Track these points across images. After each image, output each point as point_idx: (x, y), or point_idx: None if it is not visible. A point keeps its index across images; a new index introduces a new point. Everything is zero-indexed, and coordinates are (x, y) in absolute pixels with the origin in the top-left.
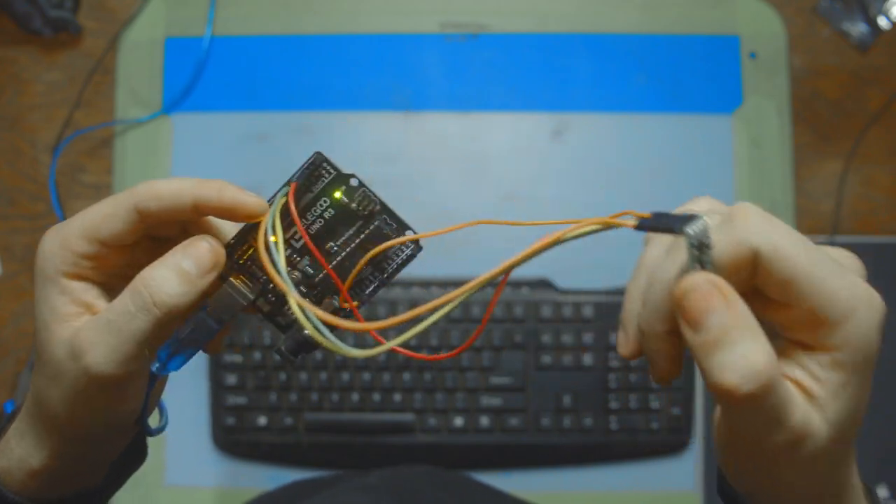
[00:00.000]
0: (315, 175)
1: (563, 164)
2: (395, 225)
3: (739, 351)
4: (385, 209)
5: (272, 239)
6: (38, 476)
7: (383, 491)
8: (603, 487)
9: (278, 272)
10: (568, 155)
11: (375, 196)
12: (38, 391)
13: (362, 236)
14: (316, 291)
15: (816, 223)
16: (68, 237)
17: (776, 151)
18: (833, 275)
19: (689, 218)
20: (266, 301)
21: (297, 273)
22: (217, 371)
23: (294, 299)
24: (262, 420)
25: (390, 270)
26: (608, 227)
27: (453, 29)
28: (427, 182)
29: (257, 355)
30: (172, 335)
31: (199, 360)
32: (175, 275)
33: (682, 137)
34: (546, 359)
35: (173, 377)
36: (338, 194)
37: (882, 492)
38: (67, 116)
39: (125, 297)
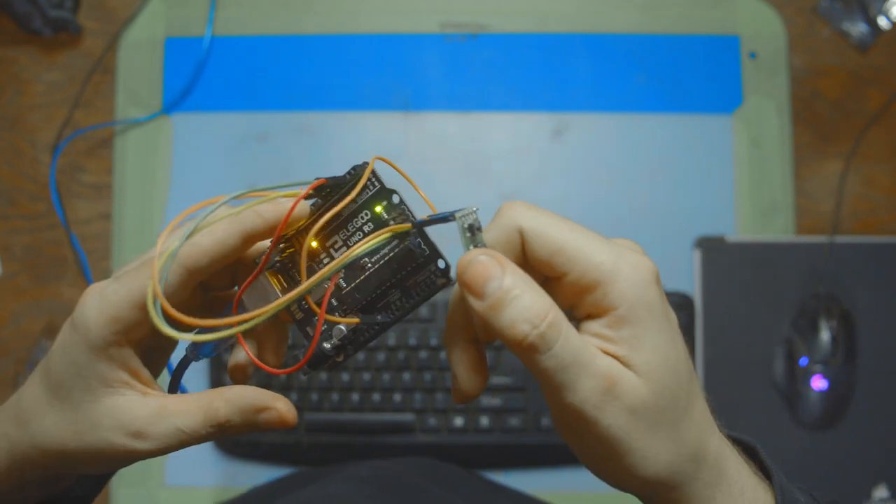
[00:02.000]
0: (361, 186)
1: (563, 164)
2: (427, 250)
3: (522, 303)
4: (420, 232)
5: (313, 244)
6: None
7: (369, 481)
8: (603, 488)
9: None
10: (568, 155)
11: (413, 216)
12: (38, 424)
13: (392, 255)
14: (345, 306)
15: (816, 223)
16: (118, 306)
17: (776, 151)
18: (595, 243)
19: (461, 210)
20: (300, 308)
21: (328, 284)
22: (217, 371)
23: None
24: None
25: (415, 298)
26: (394, 232)
27: (453, 29)
28: (427, 182)
29: None
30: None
31: (200, 361)
32: (242, 420)
33: (682, 137)
34: None
35: None
36: (378, 209)
37: (882, 492)
38: (67, 116)
39: (198, 420)
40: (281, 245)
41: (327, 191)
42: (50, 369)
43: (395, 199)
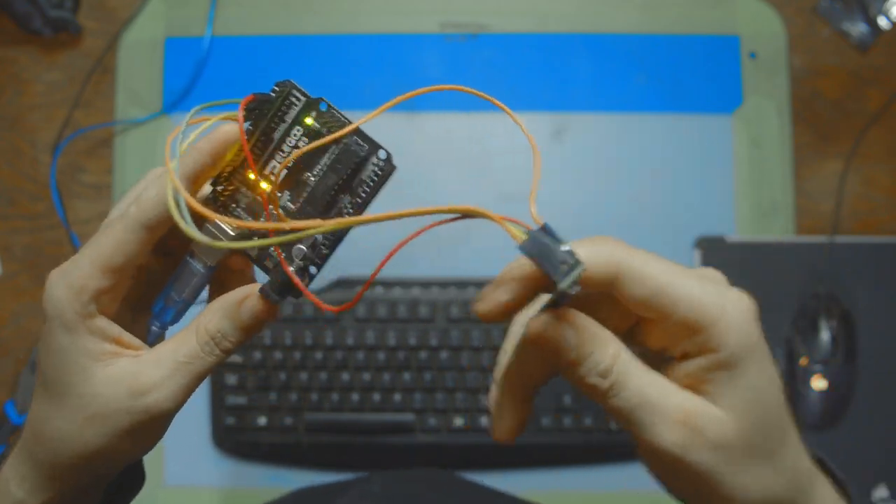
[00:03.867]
0: (286, 104)
1: (563, 164)
2: (366, 146)
3: (595, 359)
4: (356, 130)
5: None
6: None
7: (385, 499)
8: (603, 487)
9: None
10: (568, 155)
11: (345, 118)
12: (55, 431)
13: (332, 158)
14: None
15: (816, 223)
16: (81, 277)
17: (776, 151)
18: (696, 284)
19: (571, 261)
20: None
21: (279, 211)
22: (217, 371)
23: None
24: (262, 420)
25: (364, 195)
26: (477, 216)
27: (453, 29)
28: (427, 182)
29: (257, 355)
30: (164, 288)
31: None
32: (231, 322)
33: (682, 137)
34: None
35: None
36: (309, 121)
37: (882, 492)
38: (67, 116)
39: (192, 342)
40: (219, 187)
41: (255, 112)
42: (42, 372)
43: (323, 106)
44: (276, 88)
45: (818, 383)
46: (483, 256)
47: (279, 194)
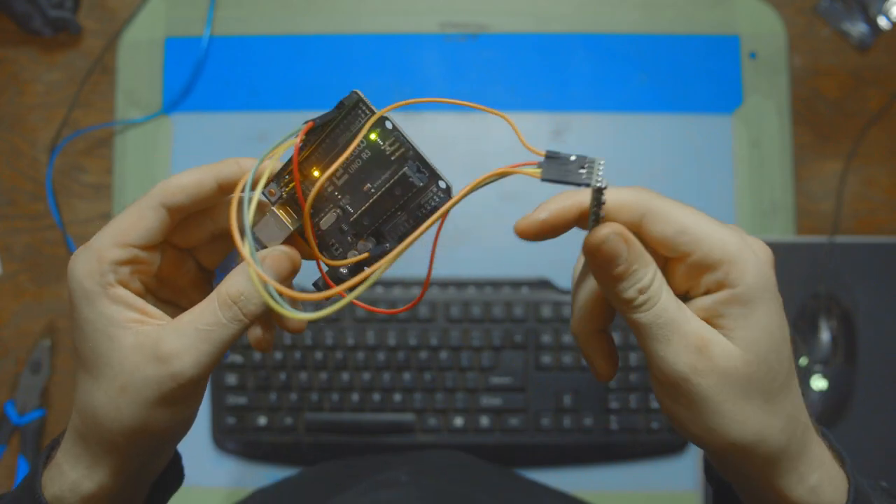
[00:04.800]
0: (355, 114)
1: None
2: (426, 173)
3: (637, 275)
4: (416, 155)
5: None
6: (91, 501)
7: (413, 488)
8: (603, 487)
9: (243, 229)
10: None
11: (407, 140)
12: (96, 407)
13: (391, 182)
14: (355, 231)
15: (816, 223)
16: (101, 250)
17: (776, 151)
18: (717, 225)
19: (585, 162)
20: (313, 234)
21: (337, 210)
22: (217, 371)
23: (252, 269)
24: (262, 420)
25: (420, 218)
26: (507, 174)
27: (453, 29)
28: None
29: (257, 355)
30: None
31: None
32: (251, 282)
33: (682, 137)
34: (546, 359)
35: None
36: (373, 136)
37: None
38: (67, 116)
39: (214, 308)
40: (285, 179)
41: (320, 131)
42: (77, 349)
43: (388, 124)
44: (347, 97)
45: (818, 383)
46: (483, 256)
47: (338, 196)
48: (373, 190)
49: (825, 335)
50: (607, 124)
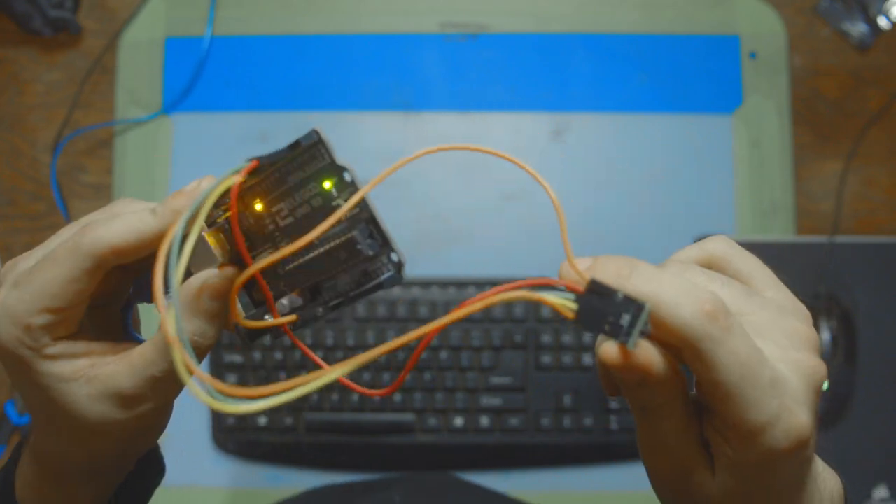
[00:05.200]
0: (311, 154)
1: (563, 164)
2: (379, 240)
3: (643, 393)
4: (371, 218)
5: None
6: None
7: None
8: (603, 487)
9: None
10: (568, 155)
11: (364, 201)
12: (58, 452)
13: (338, 241)
14: (283, 283)
15: (816, 223)
16: (25, 316)
17: (776, 151)
18: (761, 398)
19: (633, 307)
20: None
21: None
22: (217, 371)
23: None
24: (262, 420)
25: (358, 290)
26: (535, 300)
27: (453, 29)
28: (427, 182)
29: (257, 355)
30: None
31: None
32: (199, 317)
33: (682, 137)
34: (546, 359)
35: None
36: (328, 184)
37: (882, 492)
38: (67, 116)
39: (166, 358)
40: (222, 207)
41: (268, 166)
42: (26, 403)
43: (347, 176)
44: (306, 136)
45: None
46: (483, 257)
47: (278, 236)
48: (316, 242)
49: (825, 335)
50: (607, 124)
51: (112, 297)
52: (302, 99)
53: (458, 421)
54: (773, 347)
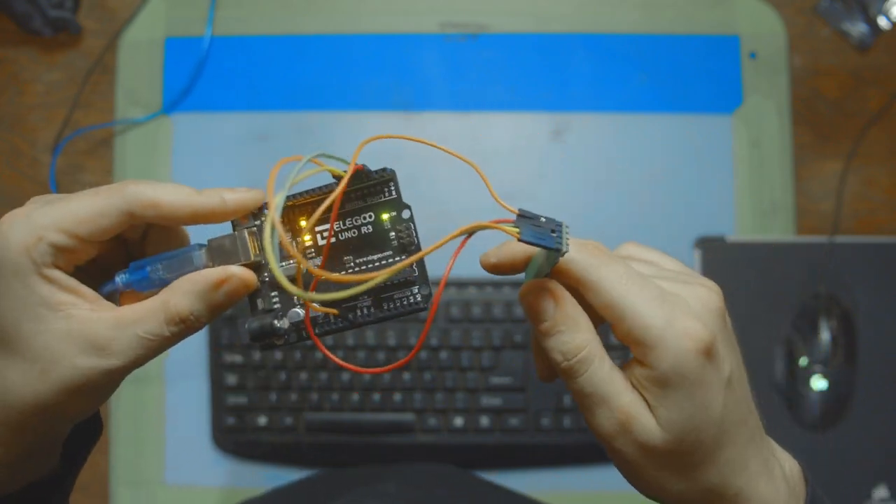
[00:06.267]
0: (376, 188)
1: (563, 164)
2: (417, 273)
3: (562, 338)
4: (417, 251)
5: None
6: None
7: (400, 499)
8: (603, 487)
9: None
10: (568, 155)
11: (416, 237)
12: (7, 384)
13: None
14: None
15: (816, 223)
16: (43, 229)
17: (776, 151)
18: (648, 303)
19: (554, 225)
20: (259, 277)
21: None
22: (217, 371)
23: (273, 227)
24: (262, 420)
25: (387, 311)
26: (482, 229)
27: (453, 29)
28: (427, 182)
29: (257, 355)
30: (157, 255)
31: (200, 360)
32: (205, 304)
33: (682, 137)
34: None
35: (175, 377)
36: (385, 216)
37: (882, 492)
38: (67, 116)
39: (161, 321)
40: (267, 211)
41: (352, 179)
42: None
43: (406, 214)
44: (381, 171)
45: (818, 383)
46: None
47: (312, 253)
48: (352, 265)
49: (825, 335)
50: (607, 124)
51: (105, 269)
52: (302, 99)
53: (458, 421)
54: (672, 286)
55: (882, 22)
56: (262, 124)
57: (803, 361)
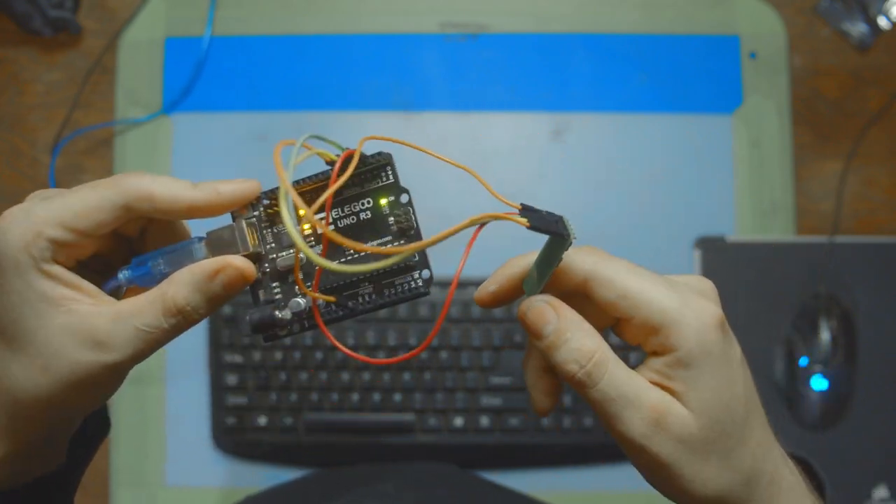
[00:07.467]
0: (372, 173)
1: (563, 164)
2: (416, 258)
3: (572, 345)
4: (417, 236)
5: (299, 211)
6: None
7: (399, 500)
8: (603, 487)
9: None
10: (568, 155)
11: (416, 221)
12: (9, 378)
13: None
14: (312, 282)
15: (816, 223)
16: (42, 225)
17: (776, 151)
18: (659, 288)
19: (556, 218)
20: (260, 268)
21: (301, 256)
22: (217, 371)
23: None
24: (262, 420)
25: (388, 297)
26: (490, 220)
27: (453, 29)
28: (427, 182)
29: (257, 355)
30: (158, 250)
31: (200, 360)
32: (202, 295)
33: (682, 137)
34: None
35: (175, 377)
36: (383, 201)
37: (882, 492)
38: (67, 116)
39: (158, 313)
40: (265, 201)
41: (345, 164)
42: None
43: (405, 198)
44: (377, 155)
45: (818, 383)
46: (482, 257)
47: (311, 241)
48: (351, 251)
49: (825, 335)
50: (607, 124)
51: (106, 264)
52: (302, 99)
53: (458, 421)
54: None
55: (882, 22)
56: (262, 124)
57: (803, 361)
